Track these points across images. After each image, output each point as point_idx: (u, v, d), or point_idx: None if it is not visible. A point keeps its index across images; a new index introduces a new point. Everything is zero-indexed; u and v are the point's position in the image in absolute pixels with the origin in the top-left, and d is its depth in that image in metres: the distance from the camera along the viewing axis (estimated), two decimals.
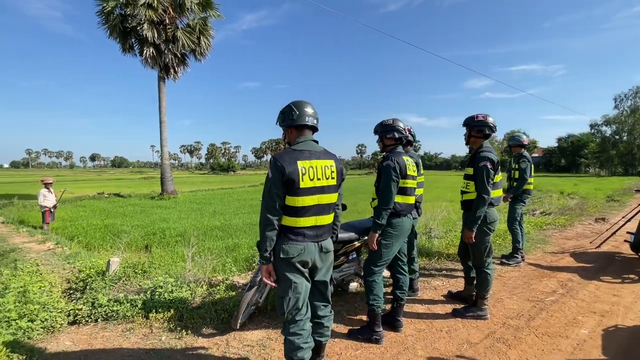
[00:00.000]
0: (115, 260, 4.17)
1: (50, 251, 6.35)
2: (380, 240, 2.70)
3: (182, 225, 9.72)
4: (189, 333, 2.83)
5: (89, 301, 3.38)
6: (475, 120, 3.10)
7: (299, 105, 2.01)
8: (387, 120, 2.84)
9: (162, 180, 18.60)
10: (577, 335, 2.80)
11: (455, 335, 2.81)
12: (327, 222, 2.03)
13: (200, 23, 17.53)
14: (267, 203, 1.87)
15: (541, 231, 7.28)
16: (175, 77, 18.02)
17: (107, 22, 16.24)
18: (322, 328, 2.14)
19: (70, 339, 2.85)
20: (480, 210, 2.92)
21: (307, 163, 1.90)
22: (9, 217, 10.39)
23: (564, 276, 4.33)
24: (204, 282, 3.84)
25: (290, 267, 1.92)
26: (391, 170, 2.59)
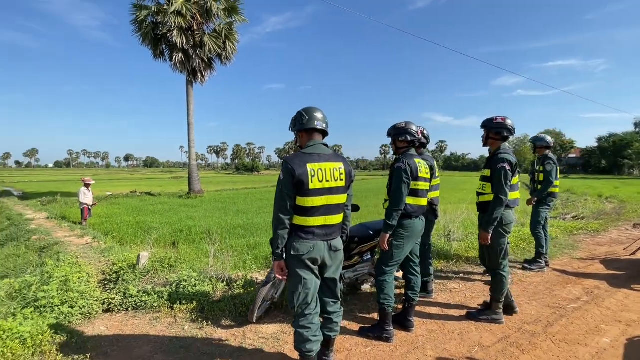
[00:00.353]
0: (144, 255, 4.48)
1: (87, 245, 6.87)
2: (392, 241, 2.76)
3: (207, 223, 10.13)
4: (209, 324, 3.02)
5: (121, 291, 3.67)
6: (493, 122, 3.08)
7: (309, 110, 2.12)
8: (400, 123, 2.89)
9: (190, 180, 19.40)
10: (598, 344, 2.71)
11: (467, 337, 2.81)
12: (337, 221, 2.12)
13: (226, 28, 18.13)
14: (279, 203, 1.99)
15: (571, 236, 6.96)
16: (203, 80, 18.74)
17: (140, 30, 17.18)
18: (332, 323, 2.24)
19: (105, 324, 3.12)
20: (497, 212, 2.89)
21: (317, 165, 2.00)
22: (53, 213, 11.27)
23: (591, 283, 4.15)
24: (225, 277, 4.04)
25: (301, 264, 2.03)
26: (402, 172, 2.64)
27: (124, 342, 2.75)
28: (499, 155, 2.98)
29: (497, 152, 3.04)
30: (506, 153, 2.99)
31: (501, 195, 2.88)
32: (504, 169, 2.88)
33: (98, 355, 2.53)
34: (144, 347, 2.67)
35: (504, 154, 2.98)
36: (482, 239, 3.01)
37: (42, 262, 5.12)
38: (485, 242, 3.00)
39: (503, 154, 2.97)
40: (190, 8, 16.57)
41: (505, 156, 2.94)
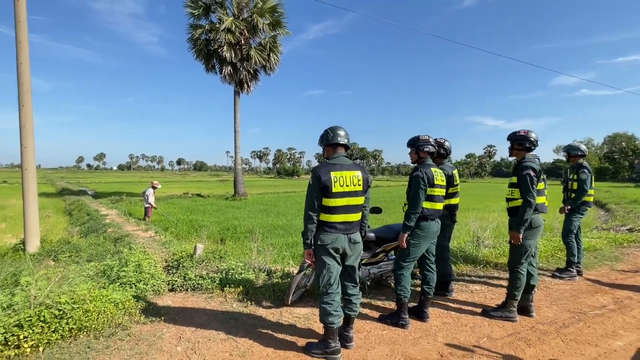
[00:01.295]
0: (200, 246, 5.26)
1: (151, 238, 7.98)
2: (410, 240, 3.13)
3: (251, 223, 11.02)
4: (253, 304, 3.61)
5: (182, 275, 4.42)
6: (517, 135, 3.38)
7: (334, 129, 2.63)
8: (423, 135, 3.27)
9: (235, 183, 20.85)
10: (609, 346, 2.84)
11: (478, 330, 3.08)
12: (356, 219, 2.58)
13: (271, 41, 19.36)
14: (309, 203, 2.51)
15: (619, 248, 6.62)
16: (249, 91, 20.13)
17: (195, 47, 19.02)
18: (351, 304, 2.69)
19: (170, 300, 3.85)
20: (528, 213, 3.16)
21: (339, 173, 2.49)
22: (122, 210, 12.96)
23: (624, 294, 4.11)
24: (266, 269, 4.65)
25: (325, 252, 2.52)
26: (420, 180, 3.02)
27: (186, 313, 3.44)
28: (524, 163, 3.26)
29: (521, 161, 3.31)
30: (530, 161, 3.26)
31: (529, 198, 3.14)
32: (528, 175, 3.15)
33: (168, 319, 3.23)
34: (202, 317, 3.32)
35: (528, 162, 3.25)
36: (513, 239, 3.28)
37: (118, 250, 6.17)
38: (517, 242, 3.25)
39: (527, 162, 3.25)
40: (239, 25, 18.01)
41: (529, 164, 3.22)
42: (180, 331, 3.00)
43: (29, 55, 6.52)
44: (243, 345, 2.76)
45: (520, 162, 3.28)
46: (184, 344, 2.78)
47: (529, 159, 3.28)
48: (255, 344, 2.77)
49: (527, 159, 3.26)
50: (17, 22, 6.38)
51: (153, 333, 2.94)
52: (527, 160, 3.24)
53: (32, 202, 6.61)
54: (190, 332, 2.97)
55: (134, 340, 2.82)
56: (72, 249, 6.48)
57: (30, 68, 6.56)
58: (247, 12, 19.08)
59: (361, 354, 2.66)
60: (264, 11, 18.66)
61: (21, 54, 6.39)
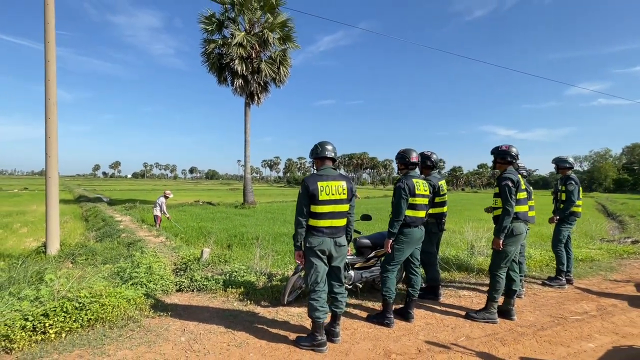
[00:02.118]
0: (206, 250, 5.62)
1: (162, 243, 8.39)
2: (394, 245, 3.40)
3: (257, 230, 11.37)
4: (252, 303, 3.92)
5: (189, 277, 4.77)
6: (499, 149, 3.68)
7: (322, 144, 2.96)
8: (401, 149, 3.56)
9: (244, 192, 21.34)
10: (580, 347, 3.02)
11: (458, 330, 3.30)
12: (341, 224, 2.89)
13: (281, 55, 20.05)
14: (299, 209, 2.83)
15: (617, 259, 6.69)
16: (259, 102, 20.77)
17: (208, 60, 19.83)
18: (337, 302, 2.96)
19: (178, 299, 4.19)
20: (506, 221, 3.42)
21: (325, 183, 2.81)
22: (135, 217, 13.52)
23: (609, 302, 4.24)
24: (267, 272, 4.95)
25: (313, 253, 2.82)
26: (401, 190, 3.31)
27: (191, 309, 3.76)
28: (504, 174, 3.55)
29: (502, 173, 3.59)
30: (510, 173, 3.54)
31: (507, 207, 3.41)
32: (507, 186, 3.43)
33: (174, 314, 3.56)
34: (205, 314, 3.64)
35: (508, 174, 3.53)
36: (495, 245, 3.54)
37: (131, 253, 6.57)
38: (497, 248, 3.50)
39: (507, 174, 3.54)
40: (250, 39, 18.76)
41: (508, 175, 3.52)
42: (185, 325, 3.32)
43: (55, 73, 7.14)
44: (240, 337, 3.06)
45: (502, 173, 3.55)
46: (188, 335, 3.10)
47: (509, 171, 3.55)
48: (251, 336, 3.07)
49: (507, 172, 3.53)
50: (47, 42, 7.01)
51: (160, 325, 3.27)
52: (507, 172, 3.51)
53: (54, 208, 7.12)
54: (194, 326, 3.29)
55: (143, 331, 3.15)
56: (89, 252, 6.93)
57: (56, 83, 7.16)
58: (258, 27, 19.86)
59: (346, 347, 2.92)
60: (275, 26, 19.40)
61: (49, 71, 7.00)
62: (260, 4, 19.11)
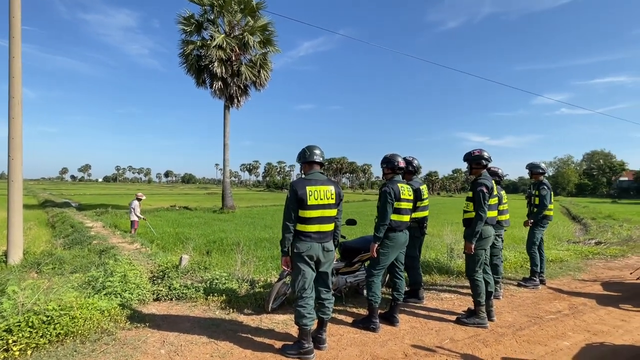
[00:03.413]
0: (185, 257, 5.42)
1: (137, 250, 8.04)
2: (379, 249, 3.42)
3: (237, 236, 11.14)
4: (235, 311, 3.80)
5: (167, 285, 4.58)
6: (472, 155, 3.76)
7: (310, 148, 2.94)
8: (387, 154, 3.61)
9: (223, 196, 20.89)
10: (556, 345, 3.15)
11: (443, 333, 3.36)
12: (329, 229, 2.87)
13: (261, 58, 19.92)
14: (286, 214, 2.78)
15: (583, 260, 7.07)
16: (239, 105, 20.50)
17: (186, 62, 19.38)
18: (324, 308, 2.93)
19: (155, 308, 4.01)
20: (478, 226, 3.50)
21: (313, 188, 2.79)
22: (107, 223, 12.88)
23: (579, 300, 4.47)
24: (249, 279, 4.84)
25: (301, 259, 2.78)
26: (387, 194, 3.34)
27: (170, 319, 3.60)
28: (479, 180, 3.63)
29: (477, 178, 3.67)
30: (484, 179, 3.62)
31: (480, 212, 3.49)
32: (482, 192, 3.51)
33: (153, 325, 3.39)
34: (185, 323, 3.49)
35: (483, 179, 3.62)
36: (466, 249, 3.60)
37: (103, 261, 6.24)
38: (469, 252, 3.57)
39: (482, 179, 3.61)
40: (230, 42, 18.52)
41: (483, 181, 3.58)
42: (164, 336, 3.17)
43: (21, 69, 6.71)
44: (223, 347, 2.95)
45: (477, 179, 3.64)
46: (167, 347, 2.95)
47: (484, 176, 3.65)
48: (235, 346, 2.97)
49: (482, 177, 3.63)
50: (12, 37, 6.59)
51: (137, 338, 3.11)
52: (482, 178, 3.61)
53: (17, 213, 6.65)
54: (174, 337, 3.15)
55: (119, 344, 2.98)
56: (56, 260, 6.50)
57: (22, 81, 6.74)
58: (238, 29, 19.66)
59: (333, 354, 2.88)
60: (255, 29, 19.28)
61: (14, 68, 6.57)
62: (240, 6, 18.94)
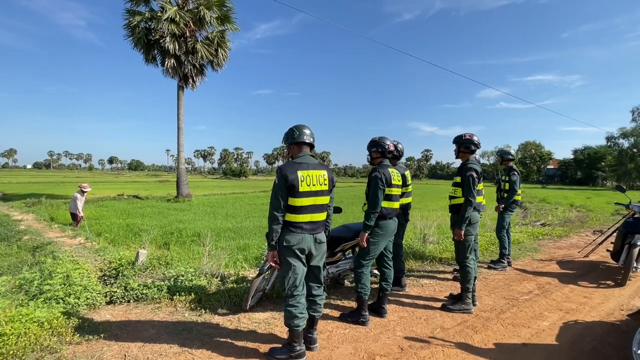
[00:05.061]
0: (143, 252, 4.80)
1: (81, 245, 7.06)
2: (369, 238, 3.21)
3: (197, 226, 10.39)
4: (207, 312, 3.39)
5: (122, 285, 3.98)
6: (463, 138, 3.66)
7: (299, 127, 2.59)
8: (375, 137, 3.38)
9: (178, 184, 19.51)
10: (538, 326, 3.23)
11: (432, 322, 3.28)
12: (321, 219, 2.57)
13: (219, 36, 18.54)
14: (274, 203, 2.42)
15: (536, 241, 7.61)
16: (194, 86, 19.01)
17: (132, 35, 17.39)
18: (316, 305, 2.66)
19: (110, 313, 3.44)
20: (468, 212, 3.43)
21: (305, 172, 2.46)
22: (41, 215, 11.27)
23: (544, 280, 4.72)
24: (219, 274, 4.41)
25: (291, 253, 2.46)
26: (378, 180, 3.12)
27: (130, 326, 3.09)
28: (468, 165, 3.54)
29: (466, 163, 3.59)
30: (474, 163, 3.55)
31: (470, 198, 3.42)
32: (471, 177, 3.43)
33: (109, 336, 2.87)
34: (149, 330, 3.02)
35: (472, 164, 3.54)
36: (456, 236, 3.53)
37: (37, 260, 5.34)
38: (459, 239, 3.50)
39: (471, 164, 3.53)
40: (184, 16, 16.93)
41: (473, 166, 3.50)
42: (125, 348, 2.69)
43: None
44: (200, 357, 2.57)
45: (465, 163, 3.58)
46: None
47: (472, 161, 3.59)
48: (214, 354, 2.60)
49: (471, 161, 3.57)
50: None
51: (90, 354, 2.59)
52: (471, 163, 3.54)
53: None
54: (137, 348, 2.68)
55: None
56: None
57: None
58: (192, 2, 18.02)
59: (325, 354, 2.64)
60: (212, 4, 17.80)
61: None
62: None
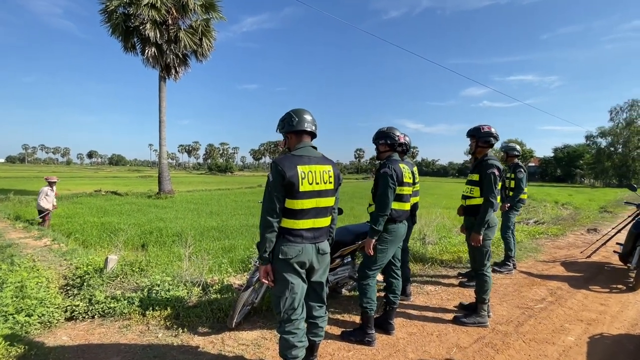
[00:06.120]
0: (112, 258, 4.21)
1: (46, 247, 6.36)
2: (376, 245, 2.77)
3: (179, 225, 9.75)
4: (185, 331, 2.88)
5: (86, 298, 3.42)
6: (481, 131, 3.22)
7: (298, 112, 2.10)
8: (382, 128, 2.93)
9: (160, 180, 18.61)
10: (564, 342, 2.88)
11: (446, 339, 2.88)
12: (325, 224, 2.10)
13: (203, 24, 17.65)
14: (268, 206, 1.94)
15: (534, 240, 7.38)
16: (177, 77, 18.10)
17: (109, 21, 16.32)
18: (317, 328, 2.21)
19: (67, 334, 2.89)
20: (489, 214, 3.02)
21: (307, 168, 1.98)
22: (6, 213, 10.36)
23: (554, 284, 4.42)
24: (201, 282, 3.89)
25: (288, 268, 1.99)
26: (388, 177, 2.67)
27: (90, 353, 2.56)
28: (488, 161, 3.11)
29: (485, 159, 3.17)
30: (494, 159, 3.14)
31: (491, 199, 3.01)
32: (493, 174, 3.02)
33: None
34: (113, 358, 2.49)
35: (493, 160, 3.12)
36: (474, 241, 3.10)
37: None
38: (477, 244, 3.09)
39: (492, 160, 3.11)
40: (165, 2, 16.00)
41: (494, 162, 3.09)
42: None
43: None
44: None
45: (484, 159, 3.16)
46: None
47: (492, 156, 3.19)
48: None
49: (490, 157, 3.16)
50: None
51: None
52: (491, 159, 3.13)
53: None
54: None
55: None
56: None
57: None
58: None
59: None
60: None
61: None
62: None
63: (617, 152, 52.54)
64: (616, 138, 52.35)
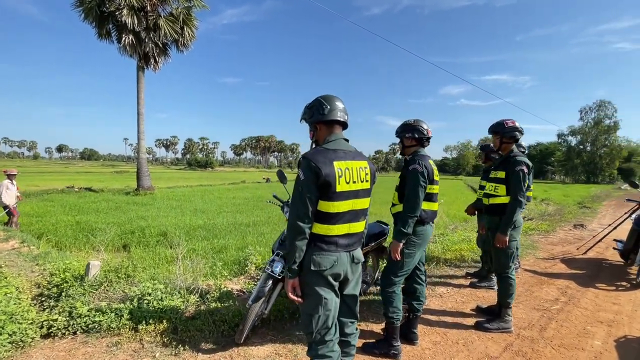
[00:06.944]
0: (95, 264, 3.76)
1: (14, 250, 5.73)
2: (403, 249, 2.53)
3: (162, 223, 9.20)
4: (187, 348, 2.54)
5: (66, 310, 3.00)
6: (506, 127, 3.01)
7: (329, 99, 1.80)
8: (408, 120, 2.68)
9: (138, 175, 17.70)
10: (592, 347, 2.76)
11: (473, 348, 2.69)
12: (360, 229, 1.83)
13: (184, 12, 16.82)
14: (299, 209, 1.64)
15: (527, 236, 7.43)
16: (156, 67, 17.20)
17: (81, 4, 15.23)
18: (349, 347, 1.93)
19: (45, 355, 2.49)
20: (517, 213, 2.85)
21: (344, 164, 1.69)
22: None
23: (562, 283, 4.36)
24: (197, 288, 3.53)
25: (321, 281, 1.70)
26: (419, 174, 2.42)
27: None
28: (516, 157, 2.93)
29: (512, 155, 2.99)
30: (522, 156, 2.96)
31: (520, 198, 2.84)
32: (522, 171, 2.85)
33: None
34: None
35: (520, 156, 2.94)
36: (500, 242, 2.92)
37: None
38: (503, 245, 2.91)
39: (520, 157, 2.94)
40: None
41: (522, 159, 2.91)
42: None
43: None
44: None
45: (510, 155, 2.97)
46: None
47: (518, 153, 3.01)
48: None
49: (517, 153, 2.98)
50: None
51: None
52: (518, 155, 2.95)
53: None
54: None
55: None
56: None
57: None
58: None
59: None
60: None
61: None
62: None
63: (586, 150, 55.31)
64: (585, 136, 55.07)
